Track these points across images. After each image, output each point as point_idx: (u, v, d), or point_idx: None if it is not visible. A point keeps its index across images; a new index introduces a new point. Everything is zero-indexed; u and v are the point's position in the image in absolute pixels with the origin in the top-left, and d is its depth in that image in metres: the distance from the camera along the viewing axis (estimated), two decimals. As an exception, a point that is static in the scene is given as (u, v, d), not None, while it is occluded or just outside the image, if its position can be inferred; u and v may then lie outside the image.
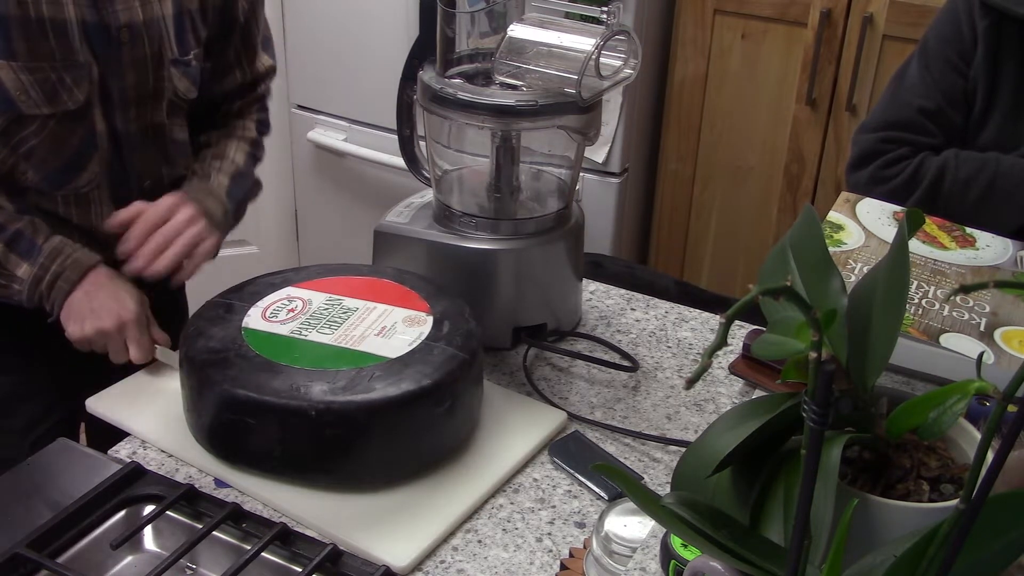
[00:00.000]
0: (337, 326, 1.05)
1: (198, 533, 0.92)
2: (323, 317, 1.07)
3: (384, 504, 0.98)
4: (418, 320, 1.06)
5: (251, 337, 1.03)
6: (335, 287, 1.12)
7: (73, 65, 1.13)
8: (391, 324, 1.05)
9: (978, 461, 0.52)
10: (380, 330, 1.04)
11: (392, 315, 1.07)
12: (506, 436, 1.08)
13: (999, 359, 0.95)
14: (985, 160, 1.32)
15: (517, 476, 1.04)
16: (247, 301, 1.09)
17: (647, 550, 0.81)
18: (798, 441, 0.66)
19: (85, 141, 1.18)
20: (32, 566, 0.88)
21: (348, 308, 1.08)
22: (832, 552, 0.56)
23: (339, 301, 1.10)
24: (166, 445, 1.05)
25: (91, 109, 1.17)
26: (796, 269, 0.73)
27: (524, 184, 1.26)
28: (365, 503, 0.98)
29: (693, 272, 2.40)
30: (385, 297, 1.10)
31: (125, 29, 1.15)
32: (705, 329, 1.31)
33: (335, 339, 1.03)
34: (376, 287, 1.12)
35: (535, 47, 1.13)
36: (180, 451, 1.04)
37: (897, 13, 1.96)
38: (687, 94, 2.24)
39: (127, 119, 1.21)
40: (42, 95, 1.12)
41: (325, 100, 2.47)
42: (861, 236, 1.12)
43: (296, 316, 1.07)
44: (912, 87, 1.38)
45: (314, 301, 1.09)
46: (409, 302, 1.10)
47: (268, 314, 1.07)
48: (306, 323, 1.06)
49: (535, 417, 1.11)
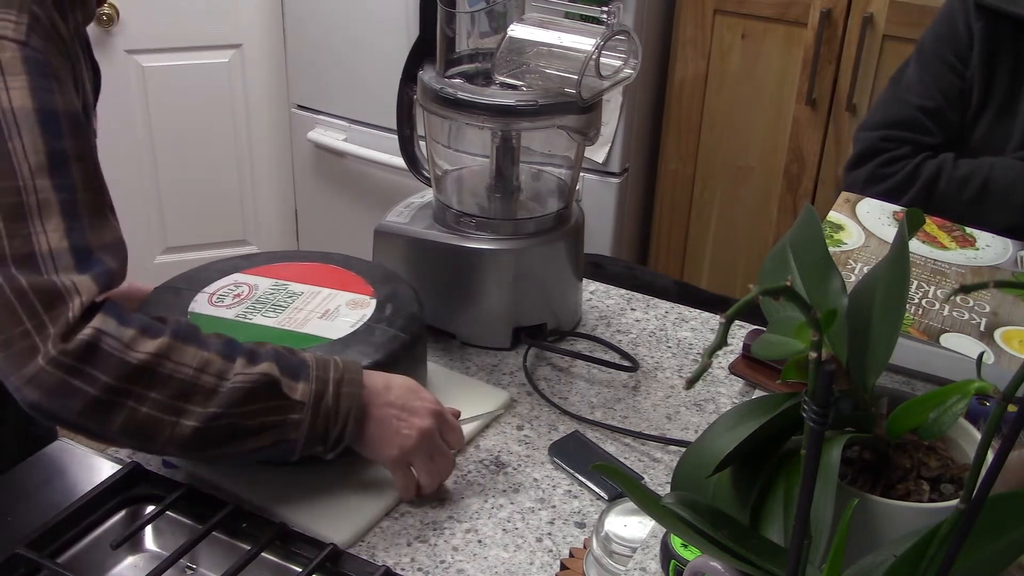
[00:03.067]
0: (282, 310, 1.06)
1: (198, 533, 0.92)
2: (268, 301, 1.07)
3: (329, 482, 0.99)
4: (361, 303, 1.08)
5: (196, 321, 1.03)
6: (282, 272, 1.13)
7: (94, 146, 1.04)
8: (335, 307, 1.07)
9: (978, 461, 0.52)
10: (323, 313, 1.06)
11: (336, 299, 1.08)
12: None
13: (999, 359, 0.95)
14: (980, 161, 1.33)
15: (517, 476, 1.04)
16: (195, 287, 1.09)
17: (647, 550, 0.81)
18: (798, 441, 0.66)
19: None
20: (32, 566, 0.88)
21: (293, 292, 1.09)
22: (832, 552, 0.56)
23: (285, 286, 1.10)
24: None
25: None
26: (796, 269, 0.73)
27: (524, 184, 1.26)
28: (311, 482, 0.99)
29: (693, 272, 2.40)
30: (330, 282, 1.12)
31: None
32: (705, 329, 1.31)
33: (279, 322, 1.04)
34: (322, 272, 1.14)
35: (535, 47, 1.14)
36: None
37: (897, 13, 1.96)
38: (687, 94, 2.24)
39: None
40: None
41: (325, 100, 2.47)
42: (861, 236, 1.12)
43: (242, 301, 1.07)
44: (911, 86, 1.39)
45: (260, 286, 1.10)
46: (354, 286, 1.11)
47: (215, 299, 1.07)
48: (251, 307, 1.06)
49: (477, 397, 1.13)
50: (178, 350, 0.86)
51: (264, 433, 0.89)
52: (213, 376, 0.86)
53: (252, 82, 2.53)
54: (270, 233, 2.69)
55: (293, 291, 1.10)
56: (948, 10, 1.37)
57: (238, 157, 2.59)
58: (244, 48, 2.49)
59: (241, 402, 0.87)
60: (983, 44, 1.32)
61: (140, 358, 0.84)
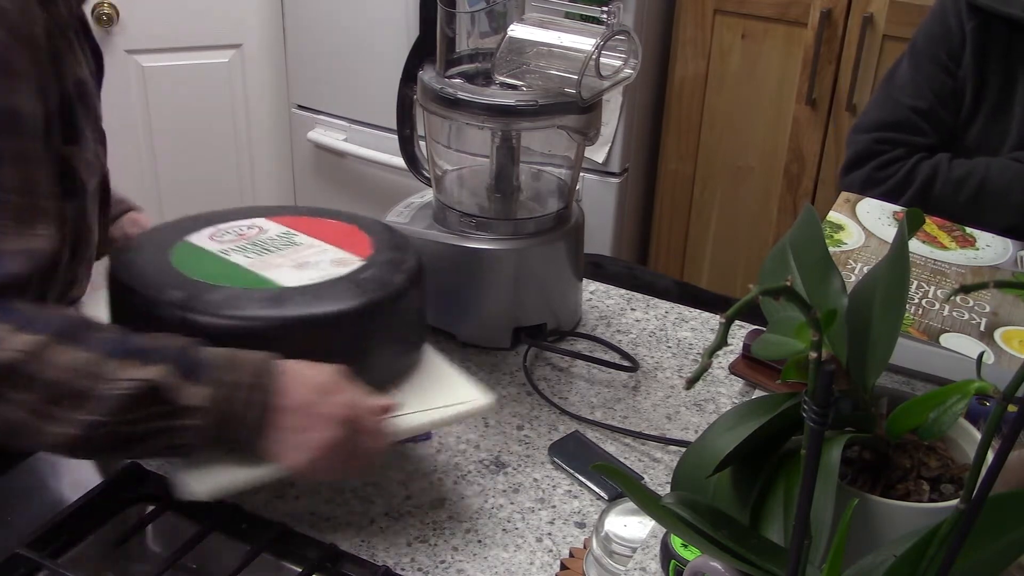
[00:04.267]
0: (266, 254, 1.01)
1: (198, 533, 0.92)
2: (262, 244, 1.03)
3: None
4: (346, 262, 1.00)
5: (179, 250, 1.00)
6: (303, 225, 1.08)
7: (98, 129, 1.03)
8: (316, 260, 1.00)
9: (978, 461, 0.52)
10: (301, 263, 0.99)
11: (327, 254, 1.01)
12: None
13: (999, 359, 0.95)
14: (976, 161, 1.33)
15: (517, 476, 1.04)
16: (213, 221, 1.07)
17: (647, 550, 0.81)
18: (798, 441, 0.66)
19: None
20: (32, 566, 0.88)
21: (294, 242, 1.04)
22: (832, 552, 0.56)
23: (292, 235, 1.05)
24: None
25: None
26: (796, 269, 0.73)
27: (524, 184, 1.26)
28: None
29: (693, 272, 2.40)
30: (341, 241, 1.05)
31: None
32: (705, 329, 1.31)
33: (250, 264, 0.99)
34: (344, 232, 1.07)
35: (535, 47, 1.14)
36: None
37: (897, 13, 1.96)
38: (687, 94, 2.24)
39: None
40: (99, 161, 1.02)
41: (325, 100, 2.47)
42: (861, 236, 1.12)
43: (239, 240, 1.03)
44: (903, 87, 1.39)
45: (270, 231, 1.06)
46: (358, 248, 1.03)
47: (217, 234, 1.04)
48: (242, 247, 1.02)
49: (453, 390, 1.01)
50: (53, 350, 0.78)
51: (152, 439, 0.81)
52: (89, 380, 0.79)
53: (252, 82, 2.53)
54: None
55: (295, 240, 1.04)
56: (940, 9, 1.37)
57: (238, 157, 2.59)
58: (244, 48, 2.49)
59: (123, 410, 0.79)
60: (976, 44, 1.32)
61: (6, 356, 0.77)
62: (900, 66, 1.41)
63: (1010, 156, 1.33)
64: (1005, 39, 1.32)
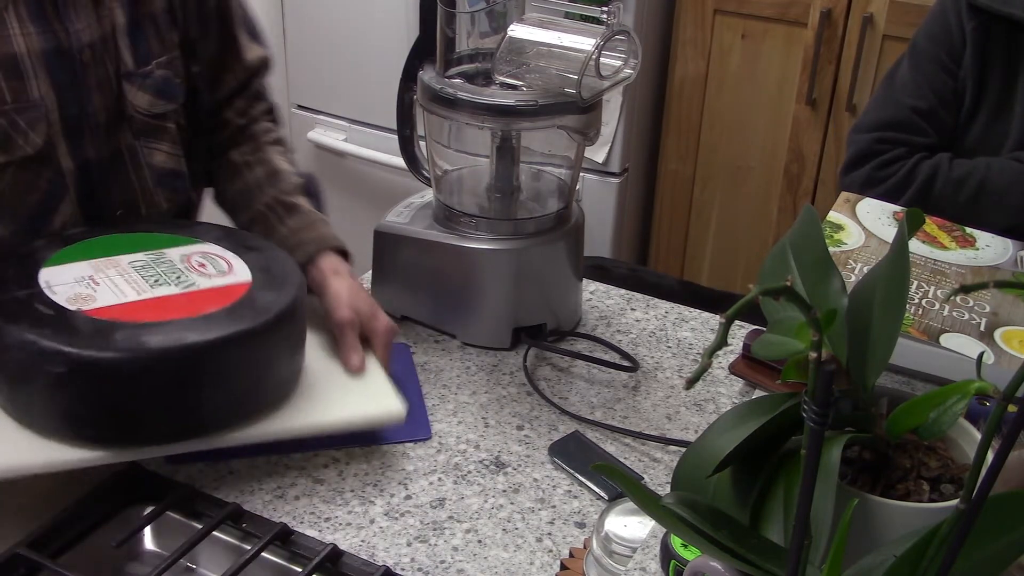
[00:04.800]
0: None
1: (198, 533, 0.92)
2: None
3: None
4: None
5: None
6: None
7: (25, 107, 1.01)
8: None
9: (978, 461, 0.52)
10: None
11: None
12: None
13: (999, 359, 0.95)
14: (976, 161, 1.33)
15: (517, 476, 1.04)
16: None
17: (647, 550, 0.81)
18: (798, 441, 0.66)
19: (53, 183, 1.06)
20: (32, 566, 0.88)
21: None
22: (832, 552, 0.56)
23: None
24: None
25: (54, 150, 1.04)
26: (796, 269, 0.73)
27: (524, 184, 1.26)
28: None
29: (693, 272, 2.40)
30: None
31: (88, 49, 1.04)
32: (705, 329, 1.31)
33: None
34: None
35: (535, 47, 1.14)
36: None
37: (897, 13, 1.96)
38: (687, 94, 2.24)
39: (97, 145, 1.08)
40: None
41: (325, 100, 2.47)
42: (861, 236, 1.12)
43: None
44: (904, 87, 1.39)
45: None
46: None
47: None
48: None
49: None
50: None
51: None
52: None
53: (252, 82, 2.53)
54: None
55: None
56: (941, 10, 1.37)
57: (238, 157, 2.58)
58: (244, 48, 2.49)
59: None
60: (976, 44, 1.32)
61: None
62: (900, 66, 1.41)
63: (1010, 156, 1.33)
64: (1005, 39, 1.32)
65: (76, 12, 1.03)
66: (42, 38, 1.01)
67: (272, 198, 1.20)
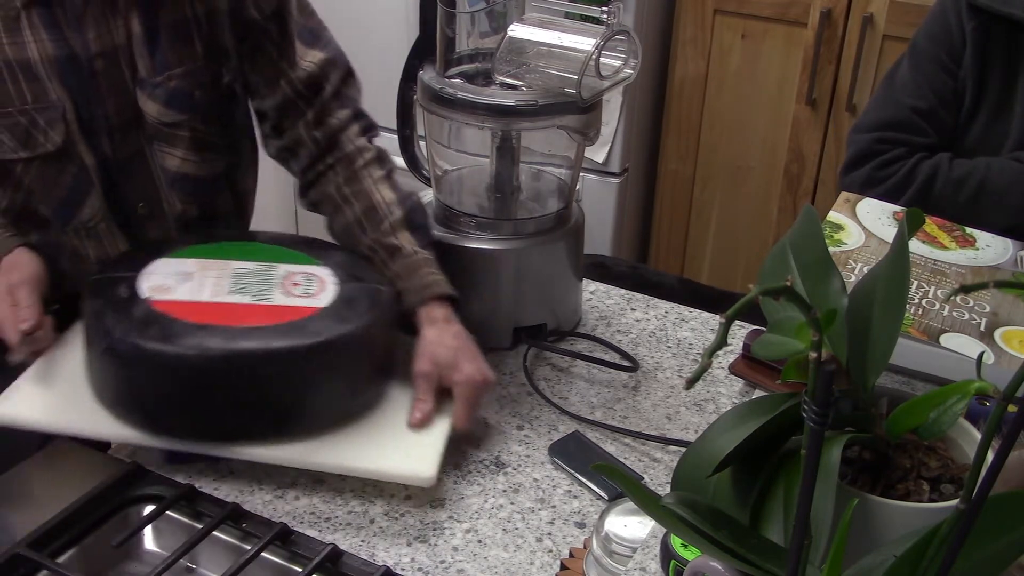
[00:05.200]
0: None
1: (198, 533, 0.92)
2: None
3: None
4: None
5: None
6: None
7: (44, 107, 1.06)
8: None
9: (978, 461, 0.52)
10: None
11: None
12: None
13: (999, 359, 0.95)
14: (976, 161, 1.33)
15: (517, 476, 1.04)
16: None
17: (647, 550, 0.81)
18: (798, 441, 0.66)
19: (78, 178, 1.11)
20: (32, 566, 0.88)
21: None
22: (832, 552, 0.56)
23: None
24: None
25: (74, 147, 1.09)
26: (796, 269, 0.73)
27: (524, 184, 1.26)
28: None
29: (693, 272, 2.40)
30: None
31: (99, 58, 1.07)
32: (705, 329, 1.31)
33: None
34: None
35: (535, 47, 1.13)
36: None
37: (897, 13, 1.96)
38: (687, 94, 2.24)
39: (113, 147, 1.12)
40: (15, 140, 1.06)
41: (325, 100, 2.47)
42: (861, 236, 1.12)
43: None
44: (904, 87, 1.38)
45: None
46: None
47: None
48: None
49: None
50: None
51: None
52: None
53: (252, 82, 2.53)
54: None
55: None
56: (941, 10, 1.37)
57: (238, 157, 2.58)
58: (244, 48, 2.49)
59: None
60: (976, 44, 1.32)
61: None
62: (900, 66, 1.41)
63: (1010, 156, 1.33)
64: (1005, 39, 1.32)
65: (88, 22, 1.05)
66: (54, 45, 1.04)
67: (373, 240, 1.14)
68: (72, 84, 1.06)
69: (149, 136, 1.14)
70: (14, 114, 1.05)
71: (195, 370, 0.96)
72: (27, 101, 1.05)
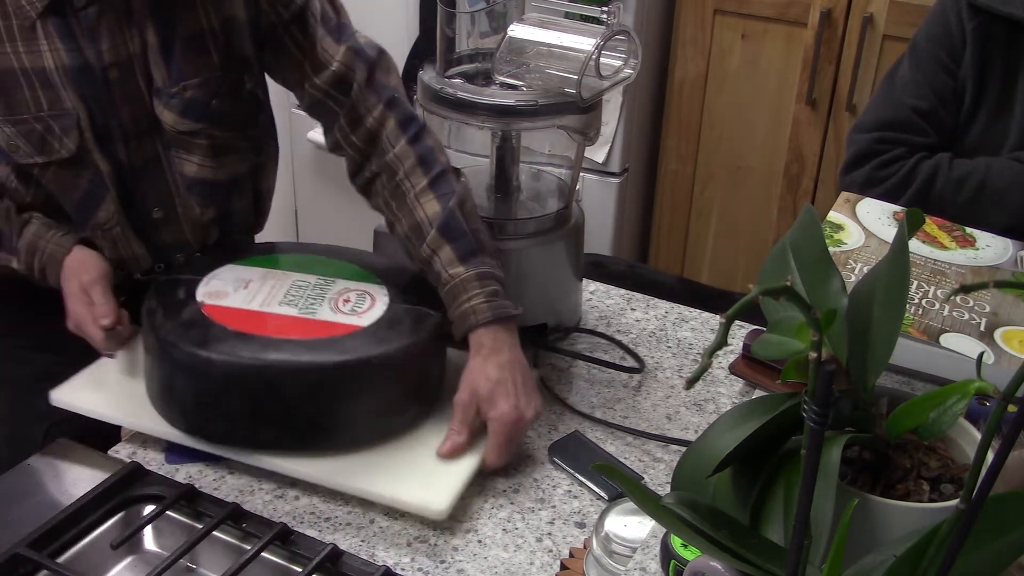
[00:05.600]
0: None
1: (198, 533, 0.92)
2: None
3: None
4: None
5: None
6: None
7: (59, 115, 1.07)
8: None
9: (978, 461, 0.52)
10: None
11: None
12: None
13: (999, 359, 0.95)
14: (976, 161, 1.33)
15: (517, 476, 1.04)
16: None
17: (647, 550, 0.81)
18: (798, 441, 0.66)
19: (93, 183, 1.12)
20: (32, 566, 0.88)
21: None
22: (832, 552, 0.56)
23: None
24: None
25: (88, 154, 1.10)
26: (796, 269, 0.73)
27: (524, 184, 1.26)
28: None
29: (693, 272, 2.40)
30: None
31: (113, 68, 1.07)
32: (705, 329, 1.31)
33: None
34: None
35: (535, 47, 1.14)
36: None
37: (897, 13, 1.96)
38: (687, 94, 2.24)
39: (129, 153, 1.12)
40: (31, 146, 1.07)
41: (325, 100, 2.47)
42: (861, 236, 1.12)
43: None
44: (904, 87, 1.38)
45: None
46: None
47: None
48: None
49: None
50: None
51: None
52: None
53: (252, 82, 2.53)
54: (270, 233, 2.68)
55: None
56: (941, 10, 1.37)
57: (238, 157, 2.58)
58: (244, 48, 2.49)
59: None
60: (976, 44, 1.32)
61: None
62: (901, 66, 1.41)
63: (1010, 156, 1.33)
64: (1005, 39, 1.32)
65: (102, 33, 1.06)
66: (69, 55, 1.05)
67: (421, 262, 1.13)
68: (86, 93, 1.07)
69: (166, 143, 1.15)
70: (29, 120, 1.06)
71: (222, 375, 0.98)
72: (43, 108, 1.06)
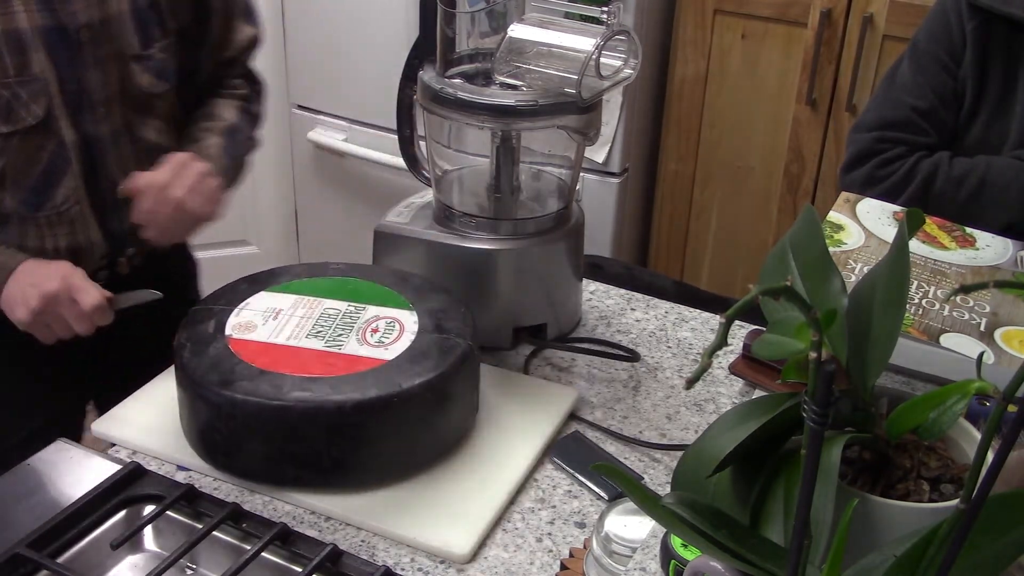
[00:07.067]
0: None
1: (198, 533, 0.92)
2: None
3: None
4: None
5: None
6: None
7: (28, 80, 1.08)
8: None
9: (978, 461, 0.52)
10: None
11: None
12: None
13: (999, 359, 0.95)
14: (976, 160, 1.33)
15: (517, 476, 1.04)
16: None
17: (647, 550, 0.81)
18: (798, 441, 0.66)
19: (55, 155, 1.13)
20: (32, 566, 0.88)
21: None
22: (832, 552, 0.56)
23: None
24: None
25: (55, 121, 1.11)
26: (796, 269, 0.73)
27: (524, 184, 1.26)
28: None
29: (693, 272, 2.40)
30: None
31: (85, 29, 1.10)
32: (705, 329, 1.31)
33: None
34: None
35: (535, 47, 1.13)
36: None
37: (897, 13, 1.96)
38: (687, 94, 2.24)
39: (96, 121, 1.15)
40: None
41: (325, 100, 2.47)
42: (861, 236, 1.12)
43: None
44: (904, 86, 1.39)
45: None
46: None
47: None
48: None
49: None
50: None
51: None
52: None
53: (252, 82, 2.53)
54: (270, 233, 2.68)
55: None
56: (941, 9, 1.37)
57: (238, 157, 2.58)
58: (244, 48, 2.49)
59: None
60: (976, 44, 1.32)
61: None
62: (901, 66, 1.41)
63: (1011, 155, 1.33)
64: (1005, 39, 1.32)
65: None
66: (42, 15, 1.07)
67: (188, 130, 1.28)
68: (58, 55, 1.09)
69: (134, 109, 1.19)
70: None
71: (244, 415, 0.97)
72: (9, 75, 1.07)
